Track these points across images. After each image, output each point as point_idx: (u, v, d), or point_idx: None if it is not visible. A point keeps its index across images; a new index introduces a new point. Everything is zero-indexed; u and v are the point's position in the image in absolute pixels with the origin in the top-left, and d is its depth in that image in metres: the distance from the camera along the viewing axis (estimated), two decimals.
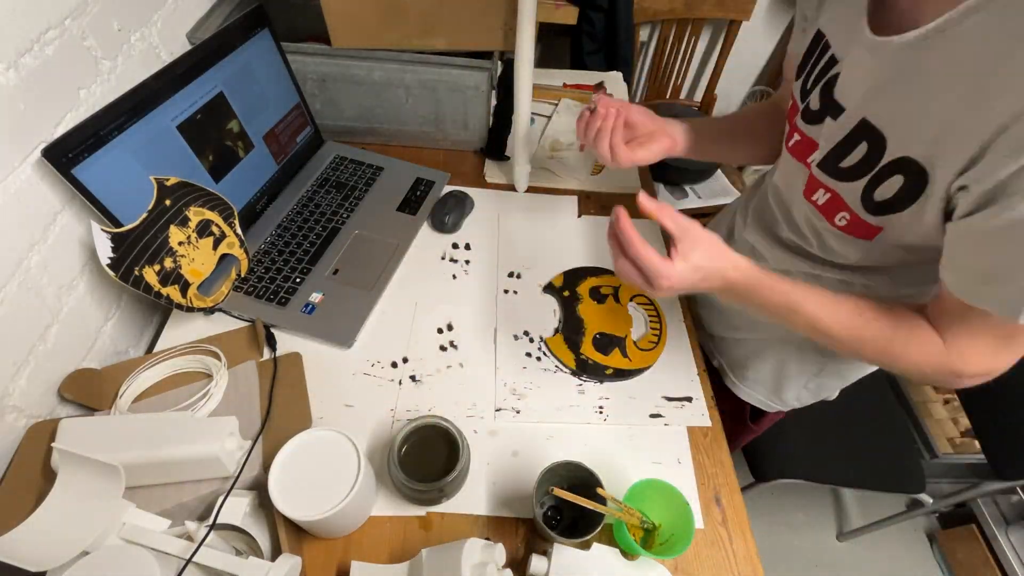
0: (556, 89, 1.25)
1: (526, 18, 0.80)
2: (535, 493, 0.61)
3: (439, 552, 0.57)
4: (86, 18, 0.67)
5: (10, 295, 0.60)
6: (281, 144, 0.96)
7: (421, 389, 0.76)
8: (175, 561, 0.52)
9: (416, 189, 1.01)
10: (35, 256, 0.63)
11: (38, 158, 0.61)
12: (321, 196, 0.97)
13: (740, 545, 0.66)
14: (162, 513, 0.56)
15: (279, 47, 0.91)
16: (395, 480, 0.63)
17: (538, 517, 0.61)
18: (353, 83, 0.99)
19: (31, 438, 0.64)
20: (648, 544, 0.63)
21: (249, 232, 0.89)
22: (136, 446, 0.59)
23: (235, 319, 0.81)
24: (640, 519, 0.64)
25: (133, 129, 0.69)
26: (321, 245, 0.90)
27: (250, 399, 0.70)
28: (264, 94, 0.90)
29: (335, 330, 0.80)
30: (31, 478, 0.60)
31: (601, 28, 1.68)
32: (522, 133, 0.95)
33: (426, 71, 0.96)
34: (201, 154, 0.80)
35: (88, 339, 0.73)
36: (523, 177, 1.02)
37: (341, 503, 0.55)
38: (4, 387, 0.61)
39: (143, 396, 0.70)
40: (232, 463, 0.61)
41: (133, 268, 0.67)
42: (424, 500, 0.65)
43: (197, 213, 0.75)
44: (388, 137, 1.09)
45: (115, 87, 0.72)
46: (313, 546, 0.62)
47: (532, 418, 0.75)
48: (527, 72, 0.87)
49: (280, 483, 0.56)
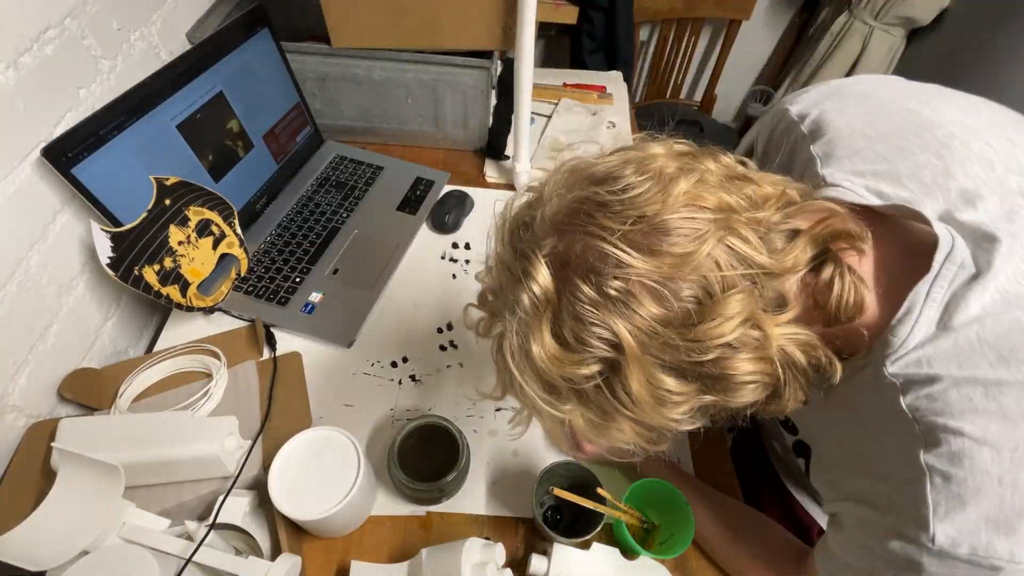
0: (556, 89, 1.24)
1: (526, 18, 0.80)
2: (535, 493, 0.61)
3: (439, 552, 0.57)
4: (86, 17, 0.67)
5: (10, 294, 0.60)
6: (281, 143, 0.96)
7: (421, 389, 0.76)
8: (175, 561, 0.52)
9: (416, 189, 1.00)
10: (35, 256, 0.63)
11: (38, 157, 0.60)
12: (321, 196, 0.97)
13: None
14: (162, 513, 0.56)
15: (279, 46, 0.91)
16: (395, 480, 0.63)
17: (538, 517, 0.61)
18: (353, 82, 0.99)
19: (31, 438, 0.64)
20: (648, 544, 0.63)
21: (249, 232, 0.89)
22: (136, 446, 0.59)
23: (235, 319, 0.81)
24: (640, 519, 0.64)
25: (133, 129, 0.69)
26: (321, 245, 0.90)
27: (250, 399, 0.70)
28: (264, 93, 0.90)
29: (335, 330, 0.80)
30: (31, 478, 0.60)
31: (601, 28, 1.68)
32: (522, 133, 0.95)
33: (426, 71, 0.96)
34: (201, 153, 0.80)
35: (88, 339, 0.73)
36: (523, 177, 1.02)
37: (341, 503, 0.55)
38: (4, 387, 0.61)
39: (143, 396, 0.70)
40: (232, 463, 0.61)
41: (133, 268, 0.67)
42: (424, 500, 0.65)
43: (197, 213, 0.75)
44: (388, 137, 1.09)
45: (115, 86, 0.72)
46: (313, 546, 0.62)
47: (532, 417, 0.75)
48: (527, 72, 0.87)
49: (280, 483, 0.56)
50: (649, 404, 0.35)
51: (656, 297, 0.33)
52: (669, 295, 0.33)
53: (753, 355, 0.34)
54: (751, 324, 0.34)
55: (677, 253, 0.33)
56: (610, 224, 0.34)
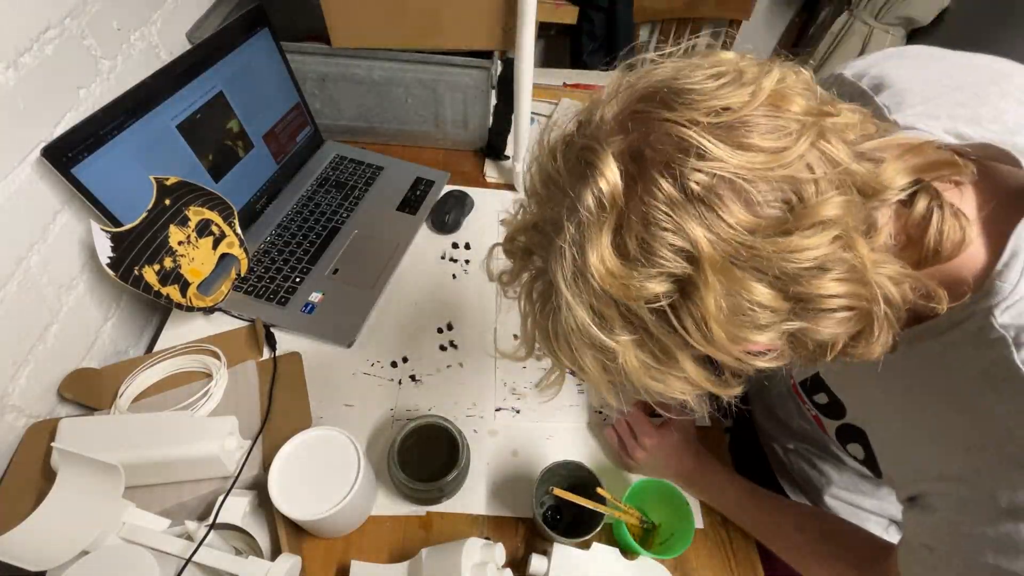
0: (556, 89, 1.25)
1: (526, 18, 0.80)
2: (535, 493, 0.61)
3: (439, 552, 0.57)
4: (86, 17, 0.67)
5: (10, 294, 0.60)
6: (281, 143, 0.95)
7: (421, 389, 0.76)
8: (175, 561, 0.52)
9: (416, 189, 1.00)
10: (35, 256, 0.63)
11: (38, 157, 0.60)
12: (321, 195, 0.97)
13: (740, 545, 0.65)
14: (162, 513, 0.56)
15: (279, 46, 0.91)
16: (395, 480, 0.63)
17: (538, 517, 0.61)
18: (353, 82, 0.99)
19: (31, 438, 0.64)
20: (648, 544, 0.63)
21: (249, 231, 0.89)
22: (136, 446, 0.59)
23: (235, 319, 0.81)
24: (640, 519, 0.64)
25: (133, 129, 0.69)
26: (321, 245, 0.90)
27: (250, 399, 0.70)
28: (264, 93, 0.90)
29: (335, 330, 0.80)
30: (31, 478, 0.60)
31: (601, 27, 1.68)
32: (522, 133, 0.95)
33: (426, 70, 0.96)
34: (201, 153, 0.80)
35: (88, 339, 0.73)
36: (523, 177, 1.02)
37: (341, 503, 0.55)
38: (4, 387, 0.61)
39: (143, 396, 0.70)
40: (232, 463, 0.61)
41: (133, 268, 0.67)
42: (424, 500, 0.65)
43: (197, 212, 0.75)
44: (388, 137, 1.09)
45: (115, 86, 0.72)
46: (313, 546, 0.62)
47: (532, 418, 0.75)
48: (527, 72, 0.87)
49: (280, 483, 0.56)
50: (726, 331, 0.30)
51: (744, 199, 0.29)
52: (759, 196, 0.28)
53: (846, 276, 0.30)
54: (843, 243, 0.29)
55: (769, 148, 0.28)
56: (691, 113, 0.29)
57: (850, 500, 0.66)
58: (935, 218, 0.33)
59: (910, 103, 0.41)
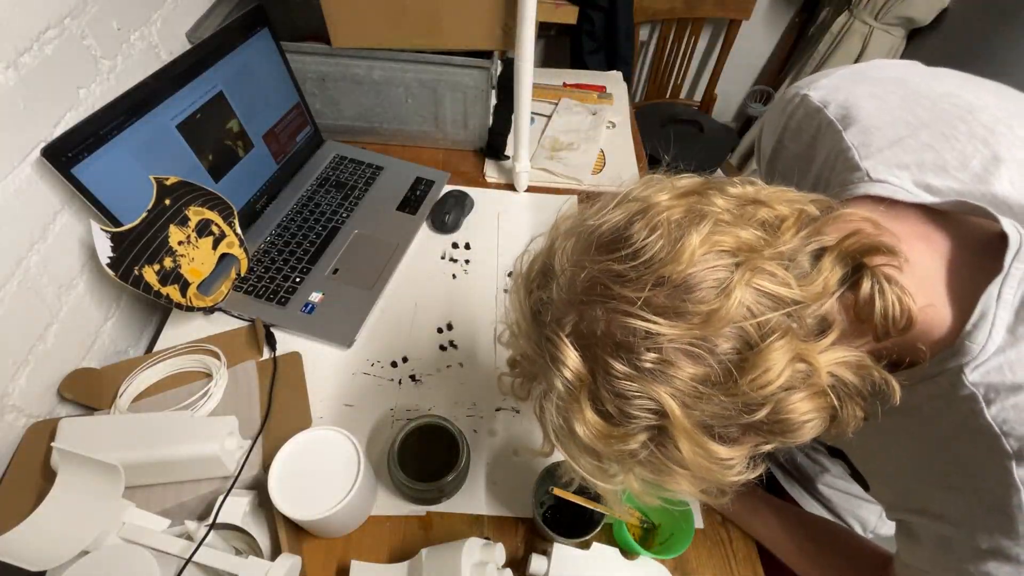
0: (556, 89, 1.25)
1: (526, 18, 0.80)
2: (535, 493, 0.61)
3: (439, 552, 0.57)
4: (85, 17, 0.67)
5: (10, 294, 0.60)
6: (281, 143, 0.95)
7: (421, 389, 0.76)
8: (175, 561, 0.52)
9: (416, 189, 1.00)
10: (35, 255, 0.63)
11: (37, 157, 0.60)
12: (321, 195, 0.97)
13: (740, 545, 0.66)
14: (162, 513, 0.56)
15: (279, 46, 0.91)
16: (395, 480, 0.63)
17: (538, 517, 0.61)
18: (353, 82, 0.99)
19: (31, 438, 0.64)
20: (648, 544, 0.63)
21: (249, 231, 0.89)
22: (136, 446, 0.59)
23: (235, 319, 0.81)
24: (640, 519, 0.64)
25: (133, 128, 0.69)
26: (321, 245, 0.90)
27: (250, 399, 0.70)
28: (264, 93, 0.90)
29: (335, 330, 0.80)
30: (31, 478, 0.60)
31: (601, 27, 1.68)
32: (522, 133, 0.95)
33: (426, 70, 0.96)
34: (201, 153, 0.80)
35: (88, 338, 0.73)
36: (523, 177, 1.02)
37: (341, 503, 0.55)
38: (3, 387, 0.61)
39: (143, 396, 0.70)
40: (232, 463, 0.61)
41: (133, 267, 0.67)
42: (424, 500, 0.65)
43: (197, 212, 0.75)
44: (388, 136, 1.09)
45: (115, 86, 0.72)
46: (313, 546, 0.62)
47: (532, 418, 0.74)
48: (527, 72, 0.87)
49: (280, 483, 0.56)
50: (703, 466, 0.34)
51: (693, 358, 0.31)
52: (706, 353, 0.31)
53: (807, 391, 0.32)
54: (797, 360, 0.31)
55: (705, 311, 0.31)
56: (629, 294, 0.32)
57: (845, 488, 0.66)
58: (878, 302, 0.34)
59: (877, 145, 0.42)
